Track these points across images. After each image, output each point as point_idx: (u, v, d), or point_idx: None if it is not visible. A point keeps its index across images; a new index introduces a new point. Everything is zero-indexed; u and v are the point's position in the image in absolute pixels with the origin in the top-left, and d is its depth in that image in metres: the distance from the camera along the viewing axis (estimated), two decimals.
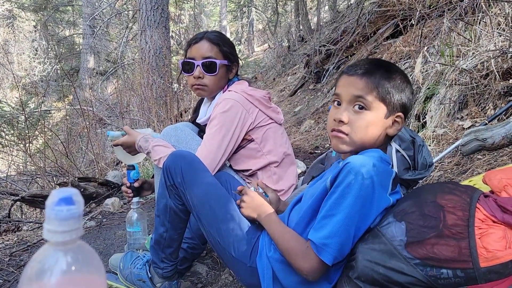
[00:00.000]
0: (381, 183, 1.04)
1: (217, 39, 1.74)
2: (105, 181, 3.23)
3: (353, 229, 1.03)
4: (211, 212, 1.32)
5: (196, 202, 1.34)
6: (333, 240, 1.02)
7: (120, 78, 8.66)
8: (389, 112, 1.13)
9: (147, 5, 6.27)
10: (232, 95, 1.65)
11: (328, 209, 1.05)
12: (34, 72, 14.64)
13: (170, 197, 1.40)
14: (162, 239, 1.45)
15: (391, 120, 1.14)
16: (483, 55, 2.57)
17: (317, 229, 1.06)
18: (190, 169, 1.37)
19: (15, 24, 16.42)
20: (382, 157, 1.10)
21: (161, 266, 1.49)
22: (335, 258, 1.04)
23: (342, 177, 1.03)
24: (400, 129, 1.16)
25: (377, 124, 1.12)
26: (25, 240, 2.34)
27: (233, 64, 1.78)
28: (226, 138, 1.61)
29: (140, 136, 1.70)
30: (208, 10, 24.31)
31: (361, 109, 1.11)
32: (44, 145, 4.48)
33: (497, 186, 1.06)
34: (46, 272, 0.48)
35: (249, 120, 1.64)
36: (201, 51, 1.72)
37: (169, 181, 1.38)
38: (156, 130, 4.63)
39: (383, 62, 1.20)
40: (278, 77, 9.21)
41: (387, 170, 1.08)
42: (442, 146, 2.38)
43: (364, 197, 1.02)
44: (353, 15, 6.89)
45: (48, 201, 0.49)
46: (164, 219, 1.43)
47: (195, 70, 1.72)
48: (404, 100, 1.14)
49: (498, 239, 0.90)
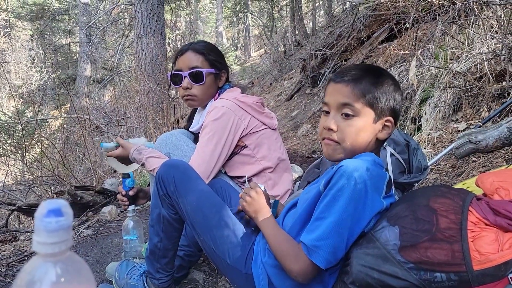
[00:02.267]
0: (375, 186, 1.05)
1: (202, 48, 1.75)
2: (102, 189, 3.22)
3: (346, 232, 1.03)
4: (205, 220, 1.31)
5: (189, 210, 1.34)
6: (325, 242, 1.03)
7: (117, 86, 8.67)
8: (378, 117, 1.13)
9: (143, 12, 6.29)
10: (223, 103, 1.66)
11: (320, 211, 1.05)
12: (31, 81, 14.64)
13: (163, 206, 1.40)
14: (156, 249, 1.45)
15: (381, 125, 1.14)
16: (477, 58, 2.59)
17: (309, 231, 1.07)
18: (182, 177, 1.37)
19: (12, 34, 16.45)
20: (376, 161, 1.10)
21: (156, 277, 1.48)
22: (327, 261, 1.03)
23: (335, 181, 1.04)
24: (390, 133, 1.16)
25: (366, 129, 1.13)
26: (22, 250, 2.32)
27: (221, 72, 1.79)
28: (219, 146, 1.61)
29: (133, 148, 1.70)
30: (204, 17, 24.41)
31: (349, 116, 1.12)
32: (41, 154, 4.47)
33: (489, 188, 1.06)
34: (35, 283, 0.48)
35: (241, 126, 1.65)
36: (187, 62, 1.73)
37: (162, 190, 1.38)
38: (152, 137, 4.63)
39: (370, 67, 1.20)
40: (274, 82, 9.24)
41: (380, 174, 1.08)
42: (438, 148, 2.39)
43: (356, 201, 1.02)
44: (348, 19, 6.93)
45: (37, 213, 0.49)
46: (158, 229, 1.43)
47: (183, 81, 1.74)
48: (392, 104, 1.14)
49: (490, 242, 0.91)
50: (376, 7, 5.36)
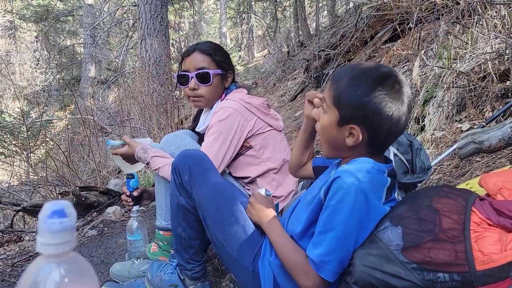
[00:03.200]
0: (374, 193, 1.04)
1: (209, 49, 1.75)
2: (106, 189, 3.24)
3: (351, 243, 1.03)
4: (217, 213, 1.32)
5: (202, 202, 1.35)
6: (331, 257, 1.03)
7: (121, 87, 8.70)
8: (342, 121, 1.07)
9: (147, 13, 6.32)
10: (230, 103, 1.66)
11: (323, 224, 1.05)
12: (36, 82, 14.73)
13: (181, 195, 1.41)
14: (182, 239, 1.46)
15: (346, 131, 1.08)
16: (480, 58, 2.58)
17: (314, 244, 1.07)
18: (197, 167, 1.38)
19: (16, 35, 16.57)
20: (374, 167, 1.06)
21: (188, 268, 1.49)
22: (335, 274, 1.04)
23: (334, 192, 1.03)
24: (357, 142, 1.07)
25: (330, 129, 1.10)
26: (27, 250, 2.34)
27: (228, 73, 1.79)
28: (224, 146, 1.61)
29: (139, 147, 1.72)
30: (207, 17, 24.44)
31: (324, 112, 1.12)
32: (46, 154, 4.50)
33: (492, 189, 1.06)
34: (39, 284, 0.49)
35: (247, 127, 1.65)
36: (194, 63, 1.73)
37: (178, 179, 1.40)
38: (156, 138, 4.64)
39: (358, 68, 1.09)
40: (278, 83, 9.24)
41: (379, 180, 1.06)
42: (441, 149, 2.38)
43: (358, 212, 1.01)
44: (351, 20, 6.92)
45: (40, 214, 0.50)
46: (179, 219, 1.44)
47: (190, 82, 1.74)
48: (359, 113, 1.04)
49: (493, 242, 0.90)
50: (380, 7, 5.35)
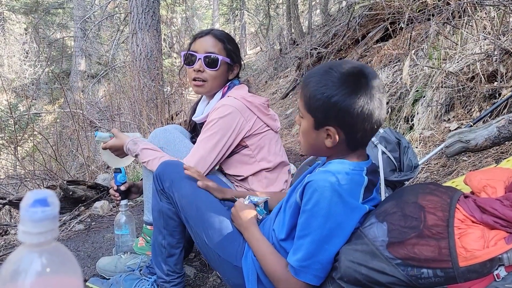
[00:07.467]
0: (350, 194, 1.05)
1: (223, 36, 1.73)
2: (94, 184, 3.21)
3: (331, 245, 1.04)
4: (198, 213, 1.33)
5: (183, 203, 1.35)
6: (311, 261, 1.04)
7: (112, 81, 8.62)
8: (317, 124, 1.09)
9: (139, 8, 6.25)
10: (232, 101, 1.63)
11: (301, 229, 1.06)
12: (24, 75, 14.53)
13: (161, 200, 1.42)
14: (162, 248, 1.44)
15: (324, 133, 1.09)
16: (469, 58, 2.61)
17: (294, 250, 1.07)
18: (178, 174, 1.40)
19: (5, 27, 16.30)
20: (350, 167, 1.07)
21: (167, 280, 1.45)
22: (319, 277, 1.05)
23: (309, 196, 1.04)
24: (335, 142, 1.08)
25: (308, 133, 1.13)
26: (13, 244, 2.32)
27: (235, 65, 1.76)
28: (219, 144, 1.60)
29: (128, 139, 1.70)
30: (200, 13, 24.32)
31: (300, 117, 1.14)
32: (34, 148, 4.45)
33: (476, 186, 1.08)
34: (20, 273, 0.48)
35: (246, 127, 1.63)
36: (204, 45, 1.70)
37: (159, 186, 1.41)
38: (146, 133, 4.61)
39: (322, 70, 1.08)
40: (270, 80, 9.24)
41: (355, 180, 1.06)
42: (429, 148, 2.41)
43: (334, 214, 1.02)
44: (343, 19, 6.94)
45: (22, 203, 0.49)
46: (160, 225, 1.43)
47: (196, 63, 1.70)
48: (331, 114, 1.05)
49: (476, 239, 0.92)
50: (372, 6, 5.37)
